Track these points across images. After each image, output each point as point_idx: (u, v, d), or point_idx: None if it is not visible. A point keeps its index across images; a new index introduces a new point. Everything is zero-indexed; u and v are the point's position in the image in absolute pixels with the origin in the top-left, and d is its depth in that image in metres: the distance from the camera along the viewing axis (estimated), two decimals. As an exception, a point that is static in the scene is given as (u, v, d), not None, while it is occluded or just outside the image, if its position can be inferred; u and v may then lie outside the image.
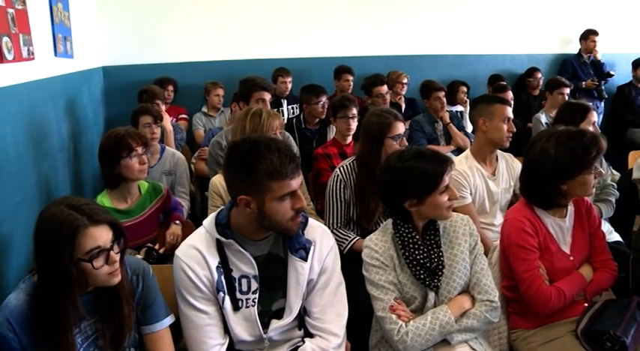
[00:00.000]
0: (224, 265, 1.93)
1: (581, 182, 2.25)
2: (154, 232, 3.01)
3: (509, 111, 3.04)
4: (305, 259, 1.97)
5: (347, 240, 2.93)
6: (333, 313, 2.01)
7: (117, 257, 1.72)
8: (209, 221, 1.98)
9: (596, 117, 3.34)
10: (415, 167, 2.06)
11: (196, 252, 1.92)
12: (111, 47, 5.68)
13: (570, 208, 2.41)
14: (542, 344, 2.28)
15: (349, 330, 2.07)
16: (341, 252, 2.88)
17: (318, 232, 2.05)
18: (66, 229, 1.62)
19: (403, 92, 5.78)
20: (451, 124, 4.81)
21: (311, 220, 2.07)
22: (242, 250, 1.91)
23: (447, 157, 2.16)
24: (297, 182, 1.85)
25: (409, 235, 2.11)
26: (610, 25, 6.87)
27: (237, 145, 1.89)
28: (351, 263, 2.29)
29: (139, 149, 2.86)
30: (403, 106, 5.75)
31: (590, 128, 3.23)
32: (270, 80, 5.50)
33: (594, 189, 2.33)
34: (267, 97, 3.82)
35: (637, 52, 6.88)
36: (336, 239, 2.89)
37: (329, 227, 2.98)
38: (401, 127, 2.95)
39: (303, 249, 1.97)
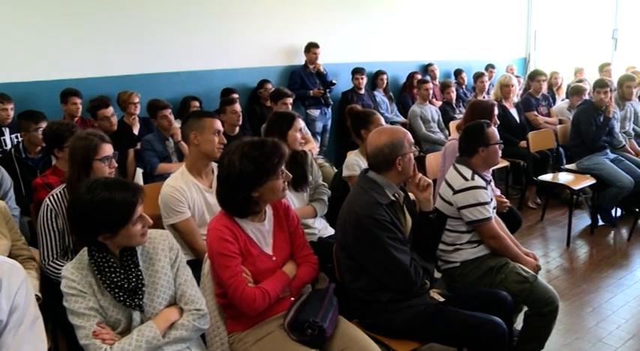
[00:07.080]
0: None
1: (270, 188, 2.40)
2: None
3: (219, 124, 3.17)
4: None
5: (64, 271, 2.81)
6: None
7: None
8: None
9: (302, 124, 3.62)
10: (106, 199, 2.01)
11: None
12: None
13: (269, 211, 2.57)
14: (255, 343, 2.42)
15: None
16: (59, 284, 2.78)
17: (4, 269, 1.92)
18: None
19: (137, 112, 5.64)
20: (182, 142, 4.84)
21: None
22: None
23: (138, 185, 2.16)
24: None
25: (104, 260, 2.09)
26: (331, 38, 7.54)
27: None
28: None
29: None
30: (138, 126, 5.63)
31: (298, 134, 3.52)
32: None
33: (285, 192, 2.50)
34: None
35: (355, 62, 7.68)
36: (52, 272, 2.81)
37: (44, 260, 2.85)
38: (108, 149, 2.90)
39: None
